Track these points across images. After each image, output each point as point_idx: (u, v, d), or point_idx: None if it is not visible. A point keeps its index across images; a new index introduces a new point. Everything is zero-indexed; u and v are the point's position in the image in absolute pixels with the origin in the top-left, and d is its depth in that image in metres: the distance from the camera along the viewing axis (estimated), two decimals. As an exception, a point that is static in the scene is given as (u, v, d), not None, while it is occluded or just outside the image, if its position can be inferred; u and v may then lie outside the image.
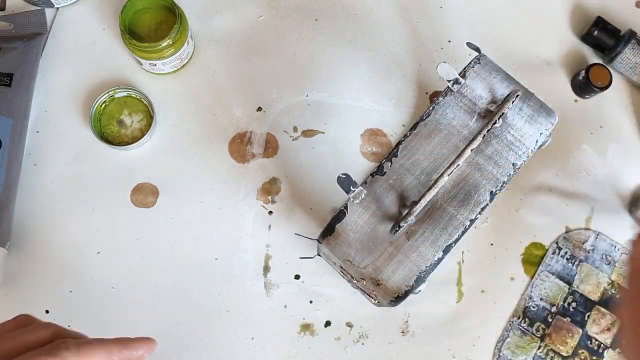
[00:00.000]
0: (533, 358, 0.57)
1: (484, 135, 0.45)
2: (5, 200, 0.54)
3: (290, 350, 0.55)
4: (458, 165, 0.44)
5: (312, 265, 0.57)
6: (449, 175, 0.43)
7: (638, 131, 0.64)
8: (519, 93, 0.47)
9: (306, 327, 0.56)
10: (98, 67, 0.60)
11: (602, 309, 0.58)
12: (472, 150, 0.44)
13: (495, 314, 0.57)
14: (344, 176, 0.43)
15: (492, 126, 0.46)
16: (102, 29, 0.61)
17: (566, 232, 0.60)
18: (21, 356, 0.29)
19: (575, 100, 0.64)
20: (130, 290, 0.55)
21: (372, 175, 0.48)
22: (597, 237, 0.60)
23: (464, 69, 0.51)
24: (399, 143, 0.49)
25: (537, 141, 0.50)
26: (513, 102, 0.47)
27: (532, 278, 0.58)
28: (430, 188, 0.43)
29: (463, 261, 0.58)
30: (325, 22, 0.63)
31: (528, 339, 0.57)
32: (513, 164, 0.48)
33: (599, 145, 0.63)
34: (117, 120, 0.58)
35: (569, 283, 0.58)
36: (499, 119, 0.46)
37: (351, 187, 0.44)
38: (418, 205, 0.43)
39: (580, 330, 0.57)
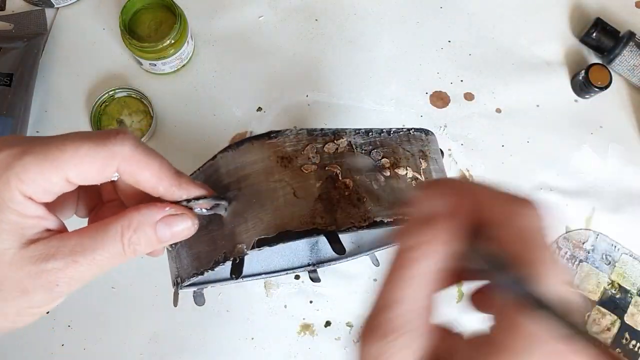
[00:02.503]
0: (533, 358, 0.57)
1: None
2: (5, 200, 0.53)
3: (290, 350, 0.55)
4: None
5: (312, 265, 0.57)
6: None
7: (638, 131, 0.64)
8: None
9: (306, 327, 0.56)
10: (98, 67, 0.60)
11: (602, 309, 0.58)
12: None
13: (495, 314, 0.57)
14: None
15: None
16: (102, 29, 0.61)
17: (566, 232, 0.60)
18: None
19: (576, 100, 0.64)
20: (130, 290, 0.55)
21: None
22: (597, 237, 0.60)
23: None
24: None
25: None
26: None
27: (532, 278, 0.58)
28: None
29: (463, 261, 0.58)
30: (325, 22, 0.63)
31: (528, 339, 0.57)
32: None
33: (599, 145, 0.63)
34: (117, 120, 0.58)
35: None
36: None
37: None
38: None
39: (580, 330, 0.57)
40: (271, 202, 0.31)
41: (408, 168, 0.37)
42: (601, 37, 0.62)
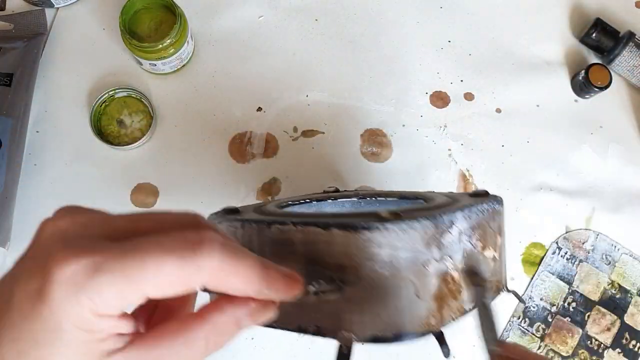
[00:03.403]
0: (533, 358, 0.57)
1: None
2: (5, 200, 0.53)
3: (290, 350, 0.55)
4: None
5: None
6: None
7: (638, 131, 0.64)
8: None
9: (306, 327, 0.56)
10: (98, 67, 0.60)
11: (602, 309, 0.58)
12: None
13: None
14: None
15: None
16: (102, 29, 0.61)
17: (566, 232, 0.60)
18: (155, 234, 0.23)
19: (576, 100, 0.64)
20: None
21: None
22: (597, 237, 0.60)
23: None
24: None
25: None
26: None
27: (532, 278, 0.58)
28: None
29: (463, 261, 0.58)
30: (325, 22, 0.63)
31: (528, 339, 0.57)
32: None
33: (599, 145, 0.63)
34: (117, 120, 0.58)
35: (569, 283, 0.58)
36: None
37: None
38: None
39: (580, 330, 0.57)
40: (393, 300, 0.30)
41: (491, 248, 0.36)
42: (601, 38, 0.62)
